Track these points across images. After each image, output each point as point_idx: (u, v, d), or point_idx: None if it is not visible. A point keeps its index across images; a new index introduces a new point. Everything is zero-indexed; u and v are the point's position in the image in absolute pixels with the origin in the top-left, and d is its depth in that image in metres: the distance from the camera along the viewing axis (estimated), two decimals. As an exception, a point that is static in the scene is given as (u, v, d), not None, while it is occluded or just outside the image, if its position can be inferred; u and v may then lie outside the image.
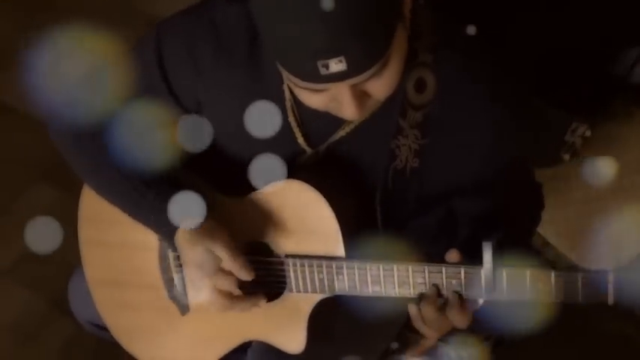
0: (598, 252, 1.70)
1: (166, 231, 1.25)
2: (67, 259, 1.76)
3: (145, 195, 1.25)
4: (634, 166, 1.80)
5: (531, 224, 1.42)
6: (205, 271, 1.22)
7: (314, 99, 1.08)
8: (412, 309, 1.19)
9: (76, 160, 1.35)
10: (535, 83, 1.77)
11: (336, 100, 1.08)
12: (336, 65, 1.00)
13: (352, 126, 1.22)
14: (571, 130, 1.73)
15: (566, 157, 1.80)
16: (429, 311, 1.17)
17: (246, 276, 1.23)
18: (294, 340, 1.30)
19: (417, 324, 1.21)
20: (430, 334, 1.24)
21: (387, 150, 1.23)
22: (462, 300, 1.17)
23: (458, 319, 1.18)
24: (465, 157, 1.22)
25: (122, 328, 1.47)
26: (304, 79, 1.04)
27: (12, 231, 2.18)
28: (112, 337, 1.54)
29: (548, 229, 1.82)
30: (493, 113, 1.19)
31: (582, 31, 1.79)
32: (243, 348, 1.41)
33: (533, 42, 1.81)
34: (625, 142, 1.84)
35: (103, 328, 1.54)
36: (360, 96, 1.07)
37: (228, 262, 1.21)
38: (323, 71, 1.01)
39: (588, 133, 1.75)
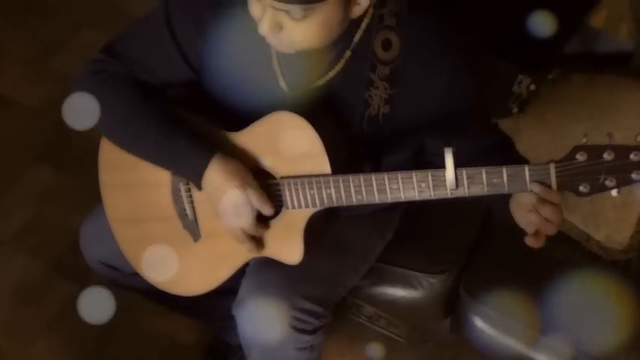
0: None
1: (196, 172, 1.44)
2: (67, 226, 1.83)
3: (174, 141, 1.45)
4: (572, 119, 2.03)
5: None
6: (243, 220, 1.45)
7: (254, 7, 1.33)
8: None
9: (107, 113, 1.50)
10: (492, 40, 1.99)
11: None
12: None
13: (329, 77, 1.46)
14: (517, 82, 1.98)
15: (515, 109, 2.03)
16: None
17: (268, 212, 1.45)
18: (294, 252, 1.50)
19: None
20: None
21: (361, 100, 1.47)
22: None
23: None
24: (427, 101, 1.45)
25: (142, 259, 1.65)
26: None
27: (13, 206, 2.42)
28: (121, 276, 1.73)
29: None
30: (449, 64, 1.42)
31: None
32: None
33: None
34: (564, 101, 2.07)
35: (114, 268, 1.73)
36: (276, 24, 1.31)
37: (257, 201, 1.44)
38: None
39: (533, 87, 1.98)
